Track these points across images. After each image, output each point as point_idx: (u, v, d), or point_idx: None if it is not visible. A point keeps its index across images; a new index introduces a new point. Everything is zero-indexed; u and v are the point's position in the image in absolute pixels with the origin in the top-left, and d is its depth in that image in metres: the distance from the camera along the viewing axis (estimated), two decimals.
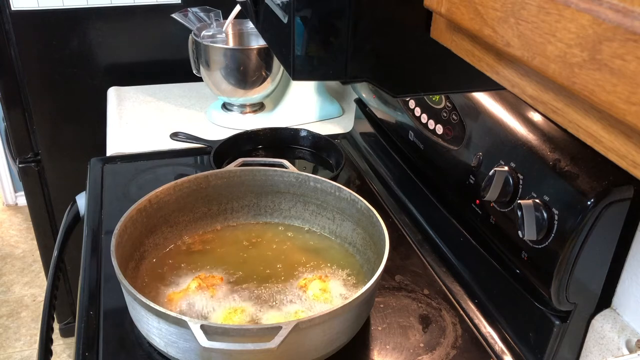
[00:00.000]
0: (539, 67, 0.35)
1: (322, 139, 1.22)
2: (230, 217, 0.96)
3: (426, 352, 0.77)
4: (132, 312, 0.74)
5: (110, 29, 1.57)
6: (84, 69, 1.59)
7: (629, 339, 0.69)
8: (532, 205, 0.69)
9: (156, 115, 1.43)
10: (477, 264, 0.87)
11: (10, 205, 2.80)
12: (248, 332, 0.64)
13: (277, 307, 0.79)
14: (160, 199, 0.87)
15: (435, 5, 0.48)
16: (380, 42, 0.56)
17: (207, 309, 0.77)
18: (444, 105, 0.92)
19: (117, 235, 0.76)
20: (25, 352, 2.01)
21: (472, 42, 0.46)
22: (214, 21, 1.35)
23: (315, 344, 0.70)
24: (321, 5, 0.54)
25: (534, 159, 0.72)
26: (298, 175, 0.93)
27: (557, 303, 0.70)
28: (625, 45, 0.28)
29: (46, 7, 1.49)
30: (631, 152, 0.32)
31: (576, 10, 0.31)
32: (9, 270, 2.39)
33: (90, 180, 1.13)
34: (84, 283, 0.86)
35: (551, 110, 0.38)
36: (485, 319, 0.83)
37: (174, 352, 0.69)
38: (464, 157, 0.86)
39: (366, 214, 0.85)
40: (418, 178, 1.05)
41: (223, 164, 1.14)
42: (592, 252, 0.66)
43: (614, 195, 0.63)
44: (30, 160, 1.66)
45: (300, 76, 0.57)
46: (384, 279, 0.89)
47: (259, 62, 1.31)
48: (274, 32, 0.64)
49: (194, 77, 1.43)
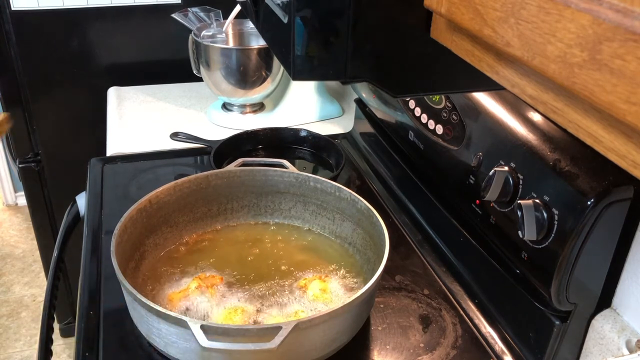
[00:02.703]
0: (539, 67, 0.35)
1: (322, 139, 1.22)
2: (230, 217, 0.96)
3: (426, 352, 0.77)
4: (132, 312, 0.74)
5: (110, 29, 1.57)
6: (84, 69, 1.59)
7: (629, 339, 0.69)
8: (532, 205, 0.69)
9: (156, 115, 1.43)
10: (477, 264, 0.87)
11: (10, 205, 2.80)
12: (248, 332, 0.64)
13: (277, 307, 0.79)
14: (160, 199, 0.87)
15: (435, 5, 0.48)
16: (380, 42, 0.56)
17: (207, 309, 0.77)
18: (444, 105, 0.92)
19: (117, 235, 0.76)
20: (25, 352, 2.01)
21: (472, 42, 0.46)
22: (214, 21, 1.35)
23: (315, 344, 0.70)
24: (321, 6, 0.54)
25: (534, 159, 0.72)
26: (298, 175, 0.93)
27: (557, 303, 0.70)
28: (625, 45, 0.28)
29: (46, 7, 1.49)
30: (631, 152, 0.32)
31: (576, 10, 0.31)
32: (9, 270, 2.39)
33: (90, 180, 1.13)
34: (84, 283, 0.86)
35: (551, 110, 0.38)
36: (485, 319, 0.83)
37: (174, 352, 0.69)
38: (464, 157, 0.86)
39: (366, 214, 0.85)
40: (418, 178, 1.05)
41: (223, 164, 1.14)
42: (592, 252, 0.66)
43: (614, 195, 0.63)
44: (30, 160, 1.66)
45: (300, 76, 0.57)
46: (384, 279, 0.89)
47: (259, 62, 1.31)
48: (274, 32, 0.64)
49: (194, 77, 1.43)
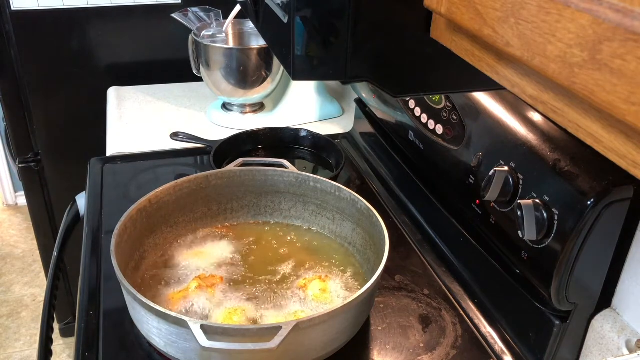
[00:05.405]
0: (539, 67, 0.35)
1: (322, 139, 1.22)
2: (230, 217, 0.96)
3: (426, 352, 0.77)
4: (132, 312, 0.74)
5: (110, 29, 1.56)
6: (84, 69, 1.59)
7: (629, 339, 0.69)
8: (532, 205, 0.69)
9: (156, 115, 1.43)
10: (477, 264, 0.87)
11: (10, 205, 2.80)
12: (248, 332, 0.64)
13: (277, 307, 0.79)
14: (160, 199, 0.87)
15: (435, 5, 0.48)
16: (380, 42, 0.56)
17: (207, 309, 0.77)
18: (444, 105, 0.92)
19: (117, 235, 0.76)
20: (25, 352, 2.01)
21: (472, 42, 0.46)
22: (214, 21, 1.35)
23: (315, 344, 0.70)
24: (321, 6, 0.54)
25: (534, 159, 0.72)
26: (298, 175, 0.93)
27: (557, 303, 0.70)
28: (625, 45, 0.28)
29: (46, 7, 1.49)
30: (631, 152, 0.32)
31: (576, 10, 0.31)
32: (9, 270, 2.39)
33: (90, 180, 1.13)
34: (84, 283, 0.86)
35: (551, 110, 0.38)
36: (485, 319, 0.83)
37: (174, 352, 0.69)
38: (464, 157, 0.86)
39: (366, 214, 0.85)
40: (418, 178, 1.05)
41: (223, 164, 1.14)
42: (592, 252, 0.66)
43: (614, 195, 0.63)
44: (30, 160, 1.66)
45: (300, 76, 0.57)
46: (384, 279, 0.89)
47: (259, 62, 1.31)
48: (274, 32, 0.64)
49: (194, 77, 1.43)
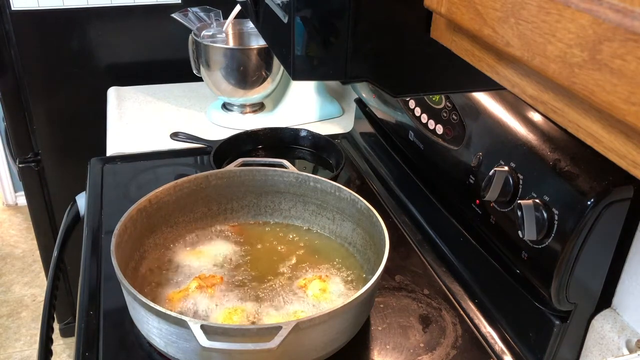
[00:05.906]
0: (539, 67, 0.35)
1: (322, 139, 1.22)
2: (230, 217, 0.96)
3: (426, 352, 0.77)
4: (132, 312, 0.74)
5: (110, 29, 1.57)
6: (84, 69, 1.59)
7: (629, 339, 0.69)
8: (532, 205, 0.69)
9: (156, 115, 1.43)
10: (477, 264, 0.87)
11: (10, 205, 2.80)
12: (248, 332, 0.64)
13: (277, 307, 0.79)
14: (160, 199, 0.87)
15: (435, 5, 0.48)
16: (380, 42, 0.56)
17: (207, 309, 0.77)
18: (444, 105, 0.92)
19: (117, 235, 0.76)
20: (25, 352, 2.01)
21: (472, 42, 0.46)
22: (214, 21, 1.35)
23: (315, 344, 0.70)
24: (321, 6, 0.54)
25: (534, 159, 0.72)
26: (298, 175, 0.93)
27: (557, 303, 0.70)
28: (625, 45, 0.28)
29: (46, 7, 1.49)
30: (631, 152, 0.32)
31: (576, 10, 0.31)
32: (9, 270, 2.39)
33: (90, 180, 1.13)
34: (84, 283, 0.86)
35: (551, 110, 0.38)
36: (485, 319, 0.83)
37: (174, 352, 0.69)
38: (464, 157, 0.86)
39: (366, 214, 0.85)
40: (418, 178, 1.05)
41: (223, 164, 1.14)
42: (592, 252, 0.66)
43: (614, 195, 0.63)
44: (30, 160, 1.66)
45: (300, 76, 0.57)
46: (384, 279, 0.89)
47: (259, 62, 1.31)
48: (274, 32, 0.64)
49: (194, 77, 1.43)
